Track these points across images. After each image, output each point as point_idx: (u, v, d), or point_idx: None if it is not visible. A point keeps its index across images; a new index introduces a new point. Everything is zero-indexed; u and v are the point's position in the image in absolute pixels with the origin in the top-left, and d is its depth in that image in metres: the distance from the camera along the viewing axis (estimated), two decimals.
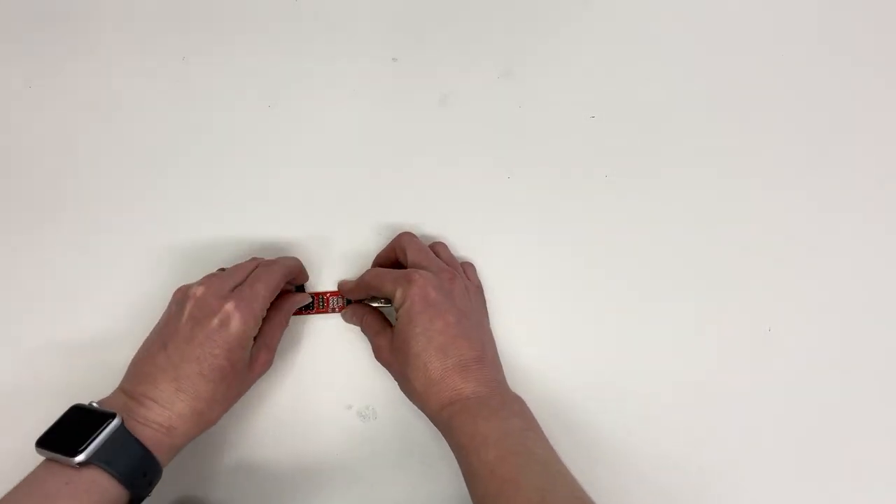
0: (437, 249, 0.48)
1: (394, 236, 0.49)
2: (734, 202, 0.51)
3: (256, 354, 0.42)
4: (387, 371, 0.47)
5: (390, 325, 0.44)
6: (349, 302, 0.48)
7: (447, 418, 0.38)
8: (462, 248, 0.50)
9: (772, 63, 0.54)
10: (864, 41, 0.54)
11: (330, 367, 0.48)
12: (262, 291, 0.41)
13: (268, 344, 0.43)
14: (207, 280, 0.41)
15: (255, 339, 0.42)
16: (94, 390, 0.39)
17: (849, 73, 0.54)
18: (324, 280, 0.49)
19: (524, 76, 0.54)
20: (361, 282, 0.45)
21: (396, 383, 0.43)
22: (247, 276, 0.42)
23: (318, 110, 0.53)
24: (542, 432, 0.38)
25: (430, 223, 0.50)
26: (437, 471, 0.46)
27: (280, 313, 0.44)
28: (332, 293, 0.48)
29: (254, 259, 0.45)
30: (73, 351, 0.48)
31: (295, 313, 0.47)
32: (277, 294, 0.43)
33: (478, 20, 0.55)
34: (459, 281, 0.44)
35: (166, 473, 0.36)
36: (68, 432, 0.34)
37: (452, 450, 0.39)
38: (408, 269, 0.43)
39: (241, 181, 0.52)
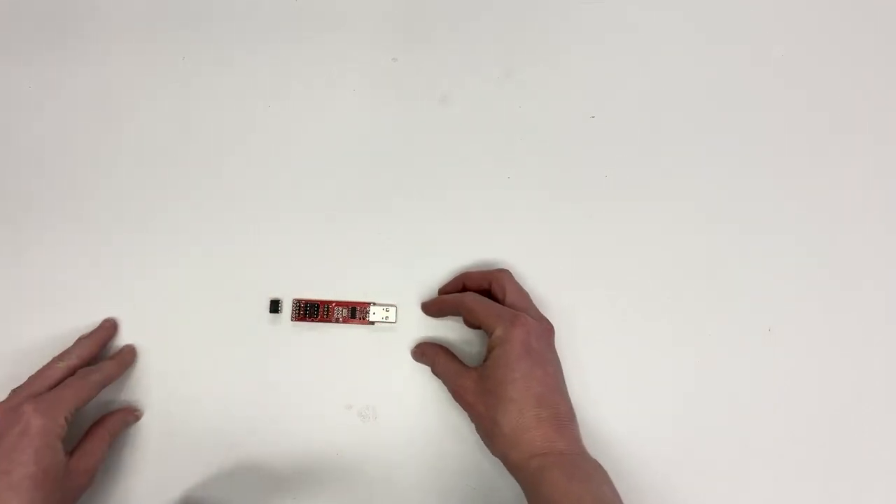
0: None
1: (392, 236, 0.49)
2: (734, 202, 0.51)
3: (75, 464, 0.41)
4: (386, 372, 0.47)
5: (466, 366, 0.44)
6: (347, 315, 0.48)
7: (536, 469, 0.37)
8: (461, 248, 0.50)
9: (773, 63, 0.54)
10: (866, 42, 0.54)
11: (330, 368, 0.48)
12: (68, 396, 0.40)
13: (87, 452, 0.42)
14: (10, 396, 0.41)
15: (74, 450, 0.41)
16: None
17: (851, 73, 0.54)
18: (319, 283, 0.49)
19: (524, 76, 0.54)
20: (458, 301, 0.44)
21: (474, 426, 0.42)
22: (55, 384, 0.42)
23: (317, 110, 0.53)
24: None
25: (429, 223, 0.50)
26: (437, 471, 0.46)
27: (102, 428, 0.44)
28: (338, 303, 0.48)
29: (62, 356, 0.44)
30: None
31: (298, 319, 0.47)
32: (102, 413, 0.44)
33: (478, 20, 0.55)
34: (554, 334, 0.44)
35: (167, 474, 0.36)
36: None
37: (534, 501, 0.38)
38: (513, 310, 0.42)
39: (241, 181, 0.51)
